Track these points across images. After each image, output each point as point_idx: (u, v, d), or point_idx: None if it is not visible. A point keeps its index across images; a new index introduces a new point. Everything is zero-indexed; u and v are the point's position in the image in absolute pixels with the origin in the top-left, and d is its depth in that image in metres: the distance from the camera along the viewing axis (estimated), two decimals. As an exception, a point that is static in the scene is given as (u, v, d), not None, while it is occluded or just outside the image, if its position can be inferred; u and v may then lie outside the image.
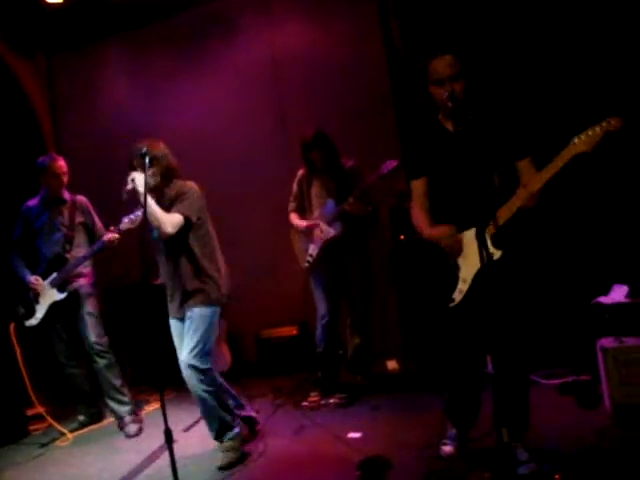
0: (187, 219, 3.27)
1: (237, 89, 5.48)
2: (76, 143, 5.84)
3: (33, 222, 4.24)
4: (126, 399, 4.18)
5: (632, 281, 3.52)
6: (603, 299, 3.54)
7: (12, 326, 4.20)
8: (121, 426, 4.14)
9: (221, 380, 3.47)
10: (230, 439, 3.34)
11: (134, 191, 3.17)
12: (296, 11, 5.36)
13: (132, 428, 4.07)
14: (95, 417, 4.42)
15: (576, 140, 2.38)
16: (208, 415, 3.32)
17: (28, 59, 5.84)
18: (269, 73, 5.38)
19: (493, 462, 2.64)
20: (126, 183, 3.16)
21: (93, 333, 4.13)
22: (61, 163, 4.20)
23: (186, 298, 3.32)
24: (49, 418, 4.23)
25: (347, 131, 4.67)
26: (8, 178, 5.27)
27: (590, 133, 2.36)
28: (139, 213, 3.77)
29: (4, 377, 4.41)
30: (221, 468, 3.25)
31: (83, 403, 4.40)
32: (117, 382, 4.16)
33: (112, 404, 4.16)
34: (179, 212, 3.26)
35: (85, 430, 4.31)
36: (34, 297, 4.12)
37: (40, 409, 4.26)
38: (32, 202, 4.32)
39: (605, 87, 3.95)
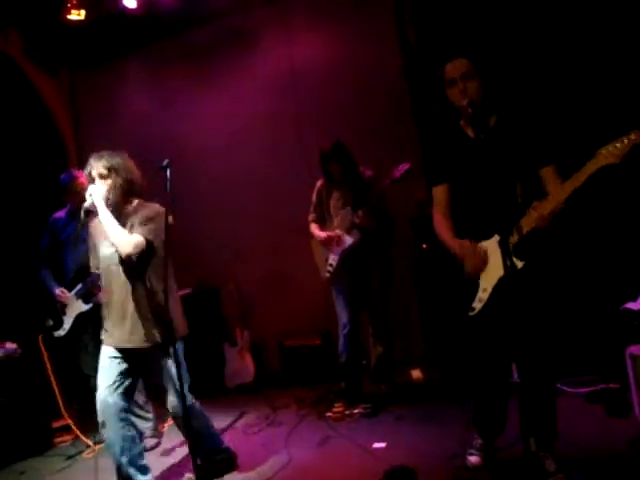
0: (149, 244, 3.00)
1: (256, 102, 5.52)
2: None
3: (59, 233, 4.30)
4: (149, 415, 4.18)
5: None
6: (632, 305, 3.46)
7: (40, 338, 4.24)
8: (141, 439, 4.14)
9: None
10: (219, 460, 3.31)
11: (94, 206, 2.99)
12: (314, 23, 5.38)
13: (149, 442, 4.07)
14: (120, 429, 4.44)
15: (603, 151, 2.30)
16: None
17: (51, 75, 5.95)
18: (288, 85, 5.40)
19: (521, 472, 2.60)
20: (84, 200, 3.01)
21: None
22: (81, 180, 4.21)
23: (145, 331, 3.04)
24: (75, 429, 4.25)
25: (366, 140, 4.67)
26: (33, 192, 5.37)
27: (618, 145, 2.27)
28: None
29: (33, 389, 4.46)
30: None
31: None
32: (140, 399, 4.13)
33: (134, 420, 4.15)
34: (142, 235, 3.00)
35: (111, 442, 4.34)
36: (61, 308, 4.17)
37: (67, 421, 4.29)
38: (59, 214, 4.38)
39: (629, 93, 3.89)
